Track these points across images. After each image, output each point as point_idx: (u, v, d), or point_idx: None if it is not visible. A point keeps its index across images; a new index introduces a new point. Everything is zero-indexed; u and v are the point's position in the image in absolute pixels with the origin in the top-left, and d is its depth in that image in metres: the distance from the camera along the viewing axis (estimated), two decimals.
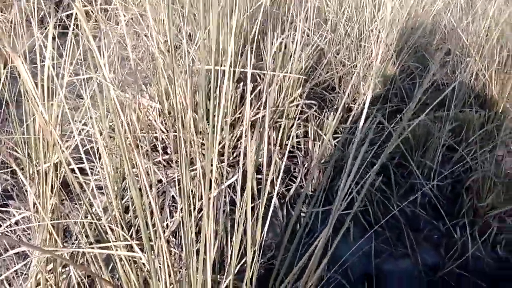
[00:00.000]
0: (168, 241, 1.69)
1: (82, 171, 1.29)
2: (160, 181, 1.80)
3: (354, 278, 1.81)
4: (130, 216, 1.63)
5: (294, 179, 2.09)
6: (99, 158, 1.37)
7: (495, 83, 2.86)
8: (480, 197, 2.15)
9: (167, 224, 1.67)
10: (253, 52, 2.57)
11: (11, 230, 1.59)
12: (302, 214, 1.92)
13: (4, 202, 1.82)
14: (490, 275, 1.92)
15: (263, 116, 1.81)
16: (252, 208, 1.10)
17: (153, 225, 1.17)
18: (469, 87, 2.87)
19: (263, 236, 1.17)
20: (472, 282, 1.87)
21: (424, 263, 1.94)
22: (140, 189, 1.11)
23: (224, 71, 1.67)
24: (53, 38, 1.25)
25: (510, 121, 2.82)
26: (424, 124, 2.42)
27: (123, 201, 1.64)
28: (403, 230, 2.05)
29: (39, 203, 1.27)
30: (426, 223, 2.13)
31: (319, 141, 2.09)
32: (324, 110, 2.35)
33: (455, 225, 2.10)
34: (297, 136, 2.17)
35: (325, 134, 2.08)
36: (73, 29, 1.39)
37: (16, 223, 1.61)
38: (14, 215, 1.59)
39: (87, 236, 1.22)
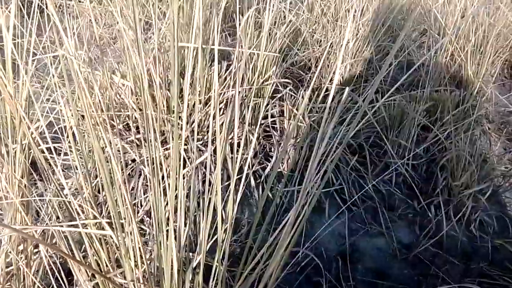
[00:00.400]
0: (142, 221, 1.67)
1: (55, 150, 1.27)
2: (133, 160, 1.78)
3: (328, 256, 1.81)
4: (103, 196, 1.61)
5: (270, 159, 2.09)
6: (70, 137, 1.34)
7: (470, 64, 2.87)
8: (454, 176, 2.17)
9: (140, 204, 1.65)
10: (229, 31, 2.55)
11: None
12: (272, 192, 1.91)
13: None
14: (465, 254, 1.94)
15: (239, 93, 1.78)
16: (228, 186, 1.09)
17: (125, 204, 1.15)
18: (444, 67, 2.88)
19: (234, 212, 1.16)
20: (447, 260, 1.89)
21: (398, 241, 1.96)
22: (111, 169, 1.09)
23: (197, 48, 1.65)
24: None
25: (485, 101, 2.85)
26: (399, 104, 2.42)
27: (95, 181, 1.62)
28: (378, 209, 2.06)
29: (8, 183, 1.25)
30: (401, 202, 2.14)
31: (293, 120, 2.08)
32: (300, 90, 2.34)
33: (430, 204, 2.11)
34: (272, 116, 2.15)
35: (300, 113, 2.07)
36: (39, 7, 1.35)
37: None
38: None
39: (57, 217, 1.20)
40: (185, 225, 1.08)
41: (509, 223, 2.08)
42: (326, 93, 2.57)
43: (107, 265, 1.20)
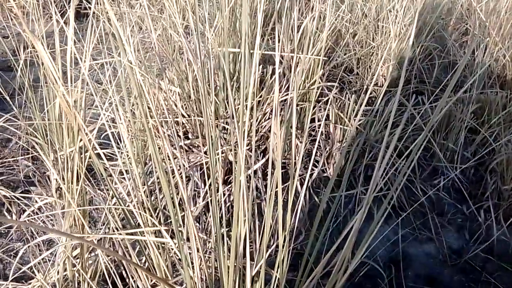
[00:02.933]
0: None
1: (105, 156, 1.27)
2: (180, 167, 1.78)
3: (378, 263, 1.79)
4: (154, 201, 1.61)
5: (316, 163, 2.06)
6: (120, 143, 1.35)
7: None
8: (504, 179, 2.12)
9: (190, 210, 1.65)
10: (270, 35, 2.53)
11: (34, 218, 1.58)
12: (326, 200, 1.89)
13: (26, 189, 1.81)
14: None
15: (286, 100, 1.77)
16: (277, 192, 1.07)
17: (180, 210, 1.15)
18: (489, 68, 2.81)
19: (294, 220, 1.14)
20: (498, 266, 1.85)
21: (448, 247, 1.92)
22: (166, 173, 1.08)
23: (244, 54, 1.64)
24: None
25: None
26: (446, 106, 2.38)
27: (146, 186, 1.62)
28: (427, 214, 2.03)
29: (65, 189, 1.25)
30: (450, 207, 2.10)
31: (340, 124, 2.06)
32: (344, 92, 2.32)
33: (479, 208, 2.07)
34: (318, 120, 2.13)
35: (347, 117, 2.05)
36: (93, 13, 1.36)
37: (39, 209, 1.60)
38: (36, 201, 1.58)
39: (115, 226, 1.21)
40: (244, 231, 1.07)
41: None
42: (370, 96, 2.54)
43: (165, 272, 1.20)
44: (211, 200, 1.04)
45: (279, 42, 2.13)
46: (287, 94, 1.87)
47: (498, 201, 2.09)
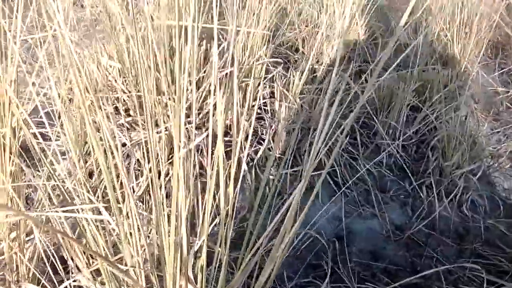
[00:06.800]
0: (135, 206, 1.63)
1: (42, 136, 1.22)
2: (123, 144, 1.73)
3: (323, 239, 1.80)
4: (94, 181, 1.56)
5: (261, 141, 2.05)
6: (59, 122, 1.29)
7: (456, 43, 2.87)
8: (445, 156, 2.17)
9: (133, 188, 1.61)
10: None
11: None
12: (271, 177, 1.89)
13: None
14: (457, 234, 1.94)
15: (228, 74, 1.74)
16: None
17: (120, 188, 1.11)
18: (431, 47, 2.87)
19: (236, 196, 1.13)
20: (440, 240, 1.89)
21: (392, 222, 1.95)
22: (104, 152, 1.04)
23: (185, 28, 1.60)
24: None
25: (471, 82, 2.85)
26: (388, 84, 2.40)
27: (86, 166, 1.57)
28: (371, 191, 2.05)
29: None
30: (393, 183, 2.13)
31: (285, 102, 2.05)
32: (290, 70, 2.31)
33: (421, 185, 2.11)
34: (263, 97, 2.12)
35: (291, 95, 2.04)
36: None
37: None
38: None
39: (51, 201, 1.16)
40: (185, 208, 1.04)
41: (500, 203, 2.08)
42: (314, 74, 2.54)
43: (105, 251, 1.16)
44: (152, 177, 1.01)
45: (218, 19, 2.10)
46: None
47: (439, 177, 2.13)
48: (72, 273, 1.18)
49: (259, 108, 2.09)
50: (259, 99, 2.03)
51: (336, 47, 2.69)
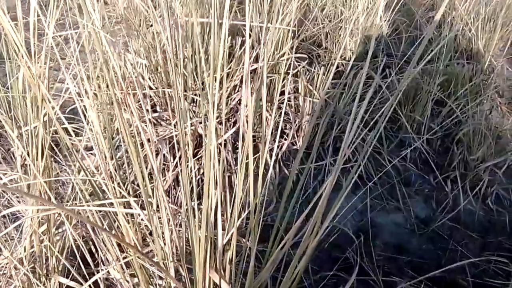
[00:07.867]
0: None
1: (72, 131, 1.25)
2: (148, 140, 1.75)
3: (347, 232, 1.80)
4: (123, 175, 1.59)
5: (285, 136, 2.06)
6: (85, 117, 1.32)
7: (481, 37, 2.84)
8: (470, 150, 2.16)
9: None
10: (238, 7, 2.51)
11: None
12: (295, 172, 1.89)
13: None
14: (482, 228, 1.93)
15: (255, 70, 1.76)
16: (247, 164, 1.06)
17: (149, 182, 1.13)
18: (455, 41, 2.85)
19: (265, 190, 1.14)
20: (465, 234, 1.89)
21: (416, 216, 1.95)
22: (135, 145, 1.07)
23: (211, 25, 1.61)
24: None
25: (496, 76, 2.83)
26: (413, 78, 2.39)
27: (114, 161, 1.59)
28: (395, 185, 2.05)
29: (30, 163, 1.22)
30: (417, 177, 2.13)
31: (309, 97, 2.05)
32: (314, 65, 2.31)
33: (446, 179, 2.10)
34: (288, 92, 2.13)
35: (316, 90, 2.05)
36: None
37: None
38: (1, 178, 1.54)
39: (82, 195, 1.18)
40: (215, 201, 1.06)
41: None
42: (337, 69, 2.54)
43: (136, 244, 1.18)
44: (181, 170, 1.03)
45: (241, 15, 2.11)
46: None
47: (464, 171, 2.13)
48: (102, 266, 1.20)
49: (282, 103, 2.09)
50: (286, 94, 2.03)
51: (359, 42, 2.68)
